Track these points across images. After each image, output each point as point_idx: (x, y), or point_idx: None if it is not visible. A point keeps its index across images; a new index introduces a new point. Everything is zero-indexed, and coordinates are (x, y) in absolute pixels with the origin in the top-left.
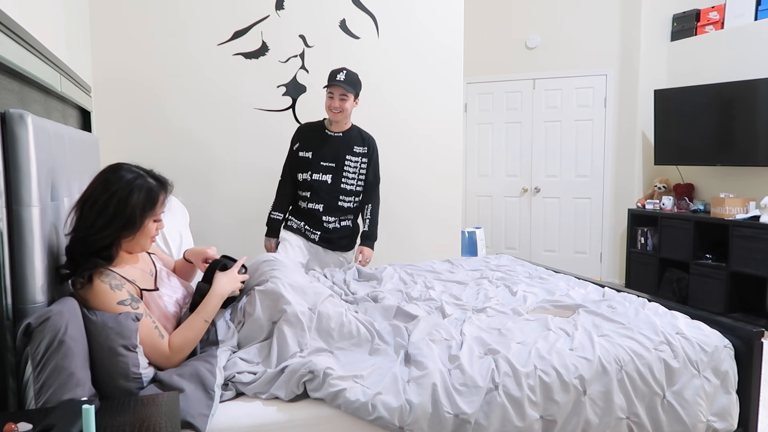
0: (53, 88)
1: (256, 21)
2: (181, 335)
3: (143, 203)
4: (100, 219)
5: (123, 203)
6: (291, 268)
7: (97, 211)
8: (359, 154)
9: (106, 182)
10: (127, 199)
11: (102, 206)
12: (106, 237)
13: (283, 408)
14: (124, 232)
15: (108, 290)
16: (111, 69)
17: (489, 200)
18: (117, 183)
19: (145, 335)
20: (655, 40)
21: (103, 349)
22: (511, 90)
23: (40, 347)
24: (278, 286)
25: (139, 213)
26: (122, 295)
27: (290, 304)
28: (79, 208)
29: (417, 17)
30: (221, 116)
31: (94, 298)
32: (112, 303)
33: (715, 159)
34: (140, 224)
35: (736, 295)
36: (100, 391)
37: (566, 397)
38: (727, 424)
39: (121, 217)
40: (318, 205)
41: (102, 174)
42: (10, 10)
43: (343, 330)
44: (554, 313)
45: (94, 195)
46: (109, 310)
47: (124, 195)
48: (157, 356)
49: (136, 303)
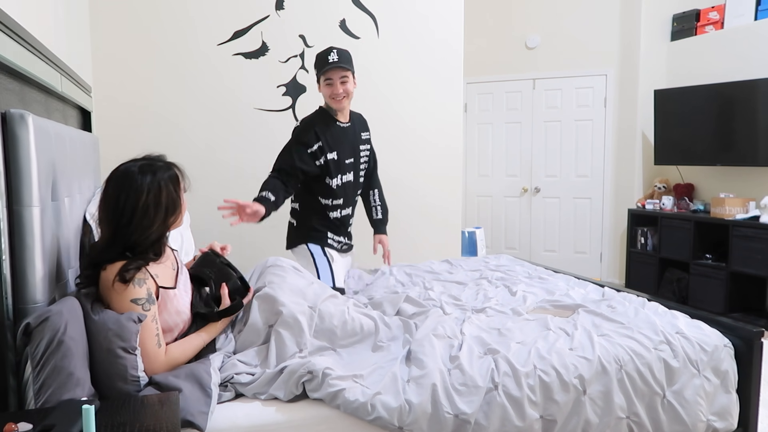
0: (54, 88)
1: (256, 21)
2: (181, 349)
3: (172, 184)
4: (145, 220)
5: (157, 196)
6: (290, 272)
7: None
8: (366, 140)
9: (127, 187)
10: (159, 190)
11: (141, 208)
12: (154, 232)
13: (282, 408)
14: (171, 218)
15: (118, 281)
16: (111, 69)
17: (489, 200)
18: (137, 182)
19: (143, 339)
20: (655, 40)
21: (102, 349)
22: (511, 90)
23: (40, 347)
24: (274, 290)
25: (174, 194)
26: (141, 292)
27: (285, 306)
28: (111, 223)
29: (417, 17)
30: (221, 116)
31: (111, 288)
32: (126, 299)
33: (715, 159)
34: (180, 203)
35: (736, 295)
36: (99, 392)
37: (566, 396)
38: (727, 424)
39: (162, 208)
40: (348, 209)
41: (116, 183)
42: (10, 10)
43: (347, 327)
44: (554, 313)
45: (122, 204)
46: (118, 304)
47: (154, 187)
48: (147, 359)
49: (149, 304)
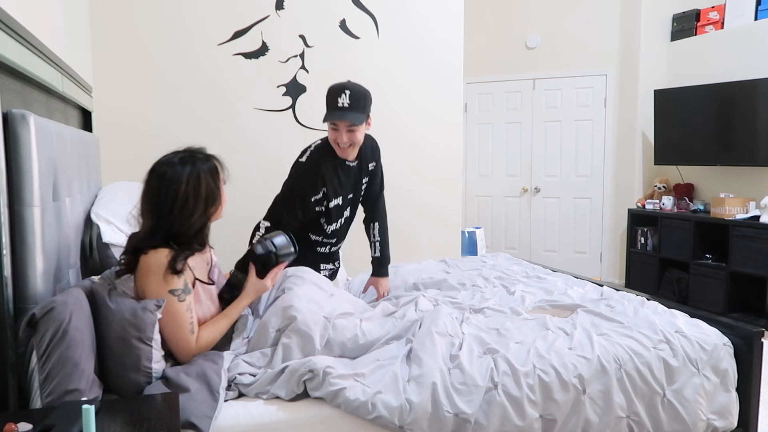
0: (55, 88)
1: (256, 21)
2: (209, 334)
3: (211, 175)
4: (185, 210)
5: (197, 186)
6: (309, 282)
7: (180, 204)
8: (370, 171)
9: (167, 178)
10: (198, 181)
11: (180, 198)
12: (196, 222)
13: (284, 407)
14: (211, 209)
15: (169, 272)
16: (111, 69)
17: (489, 200)
18: (177, 172)
19: (177, 327)
20: (655, 40)
21: (117, 339)
22: (511, 90)
23: (45, 338)
24: (290, 296)
25: (213, 185)
26: (179, 283)
27: (300, 312)
28: (153, 213)
29: (417, 17)
30: (221, 116)
31: (151, 274)
32: (164, 288)
33: (715, 159)
34: (219, 194)
35: (736, 295)
36: (108, 382)
37: (565, 396)
38: (727, 423)
39: (201, 198)
40: (339, 244)
41: (156, 174)
42: (11, 10)
43: (358, 341)
44: (552, 313)
45: (163, 194)
46: (154, 292)
47: (193, 178)
48: (179, 349)
49: (184, 295)
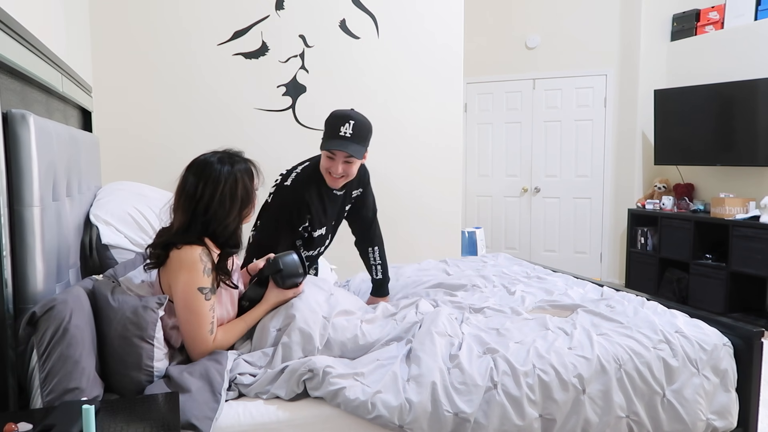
0: (55, 88)
1: (256, 21)
2: (226, 336)
3: (247, 177)
4: (221, 209)
5: (233, 187)
6: (309, 282)
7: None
8: (353, 198)
9: (206, 176)
10: (235, 182)
11: (218, 197)
12: (231, 223)
13: (284, 407)
14: (245, 210)
15: (201, 271)
16: (111, 69)
17: (489, 200)
18: (216, 172)
19: (199, 324)
20: (655, 40)
21: (119, 337)
22: (511, 90)
23: (45, 336)
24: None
25: (249, 187)
26: (207, 282)
27: (299, 311)
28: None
29: (417, 17)
30: (221, 116)
31: (183, 269)
32: (194, 285)
33: (715, 159)
34: (253, 197)
35: (736, 295)
36: (109, 381)
37: (565, 395)
38: (726, 423)
39: (237, 199)
40: (317, 256)
41: (195, 172)
42: (11, 10)
43: (358, 342)
44: (553, 313)
45: (200, 192)
46: (184, 287)
47: (231, 179)
48: (195, 345)
49: (210, 294)
